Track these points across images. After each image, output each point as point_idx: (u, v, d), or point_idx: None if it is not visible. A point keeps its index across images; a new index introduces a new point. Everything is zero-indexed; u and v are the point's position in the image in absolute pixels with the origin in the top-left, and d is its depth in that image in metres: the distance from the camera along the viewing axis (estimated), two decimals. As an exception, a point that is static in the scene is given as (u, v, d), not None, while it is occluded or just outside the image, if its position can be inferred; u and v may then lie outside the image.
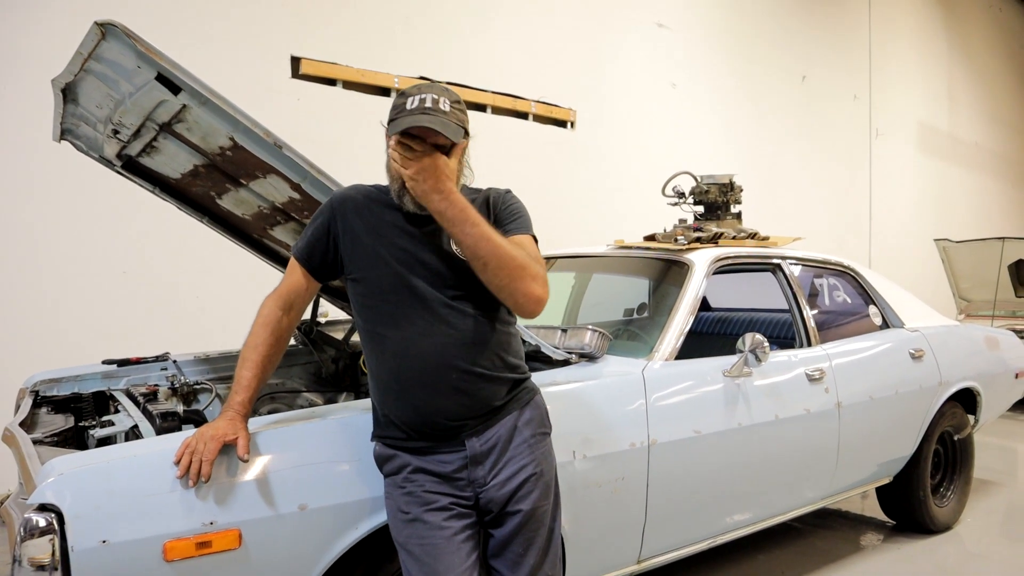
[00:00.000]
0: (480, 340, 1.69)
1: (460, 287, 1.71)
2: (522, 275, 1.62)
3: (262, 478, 1.66)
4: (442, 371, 1.66)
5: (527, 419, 1.76)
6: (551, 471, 1.79)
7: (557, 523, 1.79)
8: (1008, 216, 14.28)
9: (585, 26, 6.56)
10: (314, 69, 4.89)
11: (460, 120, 1.72)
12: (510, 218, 1.82)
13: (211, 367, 3.12)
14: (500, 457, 1.70)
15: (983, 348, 4.11)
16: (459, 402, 1.67)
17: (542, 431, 1.80)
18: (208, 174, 2.46)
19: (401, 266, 1.72)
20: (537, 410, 1.81)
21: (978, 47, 13.45)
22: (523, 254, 1.66)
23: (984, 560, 3.60)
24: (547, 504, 1.75)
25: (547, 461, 1.78)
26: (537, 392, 1.84)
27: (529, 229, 1.83)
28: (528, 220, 1.85)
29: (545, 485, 1.75)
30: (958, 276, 8.36)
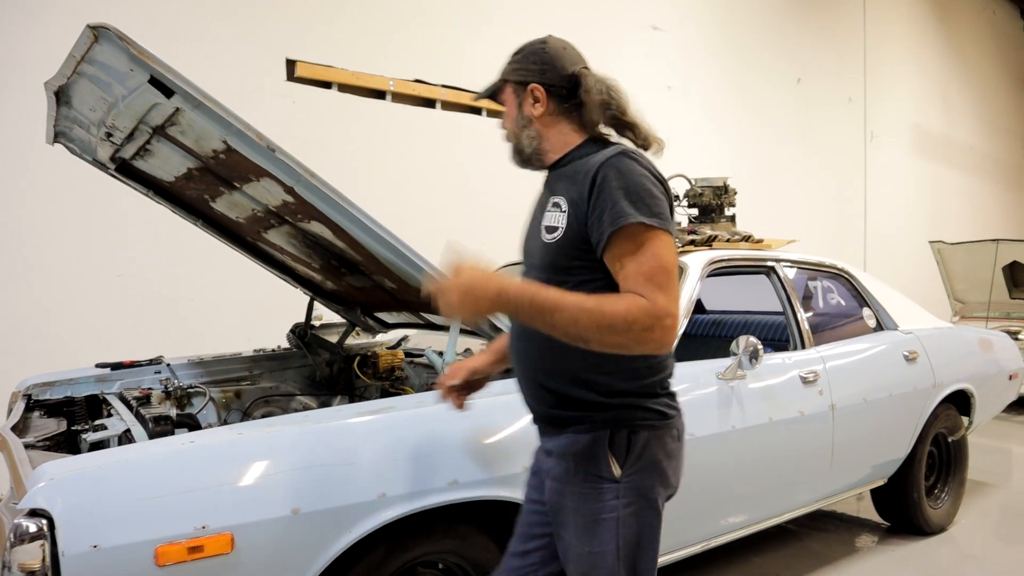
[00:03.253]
0: (552, 347, 1.49)
1: (562, 274, 1.54)
2: (614, 333, 1.37)
3: (255, 482, 1.65)
4: (524, 362, 1.62)
5: (580, 448, 1.54)
6: (588, 516, 1.52)
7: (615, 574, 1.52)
8: (1002, 218, 14.32)
9: (580, 29, 6.56)
10: (309, 72, 4.89)
11: (505, 71, 1.65)
12: (597, 221, 1.47)
13: (205, 370, 3.12)
14: (550, 471, 1.60)
15: (977, 350, 4.12)
16: (531, 396, 1.63)
17: (591, 471, 1.53)
18: (202, 177, 2.45)
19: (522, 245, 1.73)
20: (597, 446, 1.53)
21: (972, 50, 13.50)
22: (608, 312, 1.36)
23: (978, 562, 3.60)
24: (576, 544, 1.53)
25: (583, 502, 1.53)
26: (624, 428, 1.53)
27: (621, 221, 1.43)
28: (618, 208, 1.43)
29: (575, 526, 1.54)
30: (953, 278, 8.38)
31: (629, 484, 1.52)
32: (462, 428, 1.97)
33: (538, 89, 1.61)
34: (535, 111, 1.62)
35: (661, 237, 1.43)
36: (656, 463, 1.56)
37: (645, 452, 1.54)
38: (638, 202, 1.43)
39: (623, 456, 1.53)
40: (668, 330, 1.38)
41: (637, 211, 1.42)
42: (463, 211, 5.67)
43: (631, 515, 1.52)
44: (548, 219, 1.57)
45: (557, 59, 1.61)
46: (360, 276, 2.79)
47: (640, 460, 1.53)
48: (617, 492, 1.52)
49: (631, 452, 1.53)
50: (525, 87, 1.62)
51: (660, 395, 1.60)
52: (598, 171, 1.47)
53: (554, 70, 1.61)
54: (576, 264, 1.52)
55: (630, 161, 1.48)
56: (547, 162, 1.66)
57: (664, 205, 1.48)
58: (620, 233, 1.43)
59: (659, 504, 1.57)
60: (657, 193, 1.46)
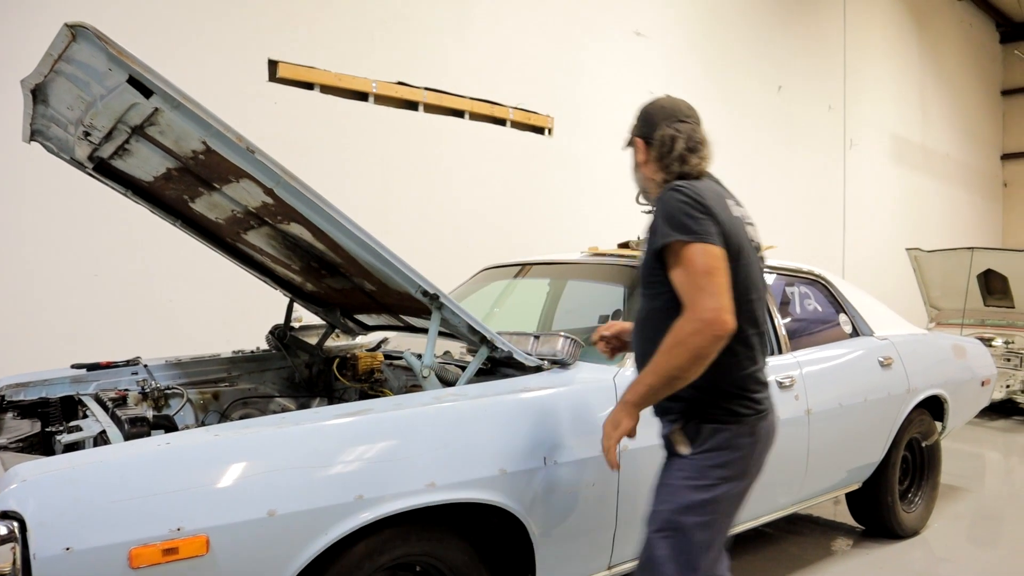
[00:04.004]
0: (643, 351, 1.92)
1: (647, 287, 1.94)
2: (682, 354, 1.74)
3: (231, 483, 1.65)
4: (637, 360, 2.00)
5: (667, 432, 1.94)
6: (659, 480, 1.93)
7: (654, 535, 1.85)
8: (978, 226, 14.53)
9: (563, 34, 6.60)
10: (291, 73, 4.87)
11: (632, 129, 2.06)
12: (653, 243, 1.87)
13: (183, 372, 3.10)
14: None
15: (951, 356, 4.18)
16: None
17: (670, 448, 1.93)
18: (181, 178, 2.44)
19: None
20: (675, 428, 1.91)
21: (949, 61, 13.70)
22: (666, 350, 1.76)
23: (951, 564, 3.66)
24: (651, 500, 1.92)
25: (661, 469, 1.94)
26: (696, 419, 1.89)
27: (664, 241, 1.82)
28: (662, 232, 1.82)
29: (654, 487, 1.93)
30: (929, 285, 8.49)
31: (695, 464, 1.86)
32: (440, 430, 1.98)
33: (639, 141, 2.02)
34: (640, 158, 2.02)
35: (695, 247, 1.77)
36: (719, 451, 1.86)
37: (710, 441, 1.87)
38: (675, 223, 1.79)
39: (693, 440, 1.88)
40: (709, 324, 1.71)
41: (674, 231, 1.79)
42: (446, 213, 5.68)
43: (688, 488, 1.85)
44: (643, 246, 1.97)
45: (654, 115, 2.00)
46: (340, 278, 2.78)
47: (705, 446, 1.87)
48: (683, 467, 1.88)
49: (699, 439, 1.87)
50: (633, 140, 2.04)
51: (737, 396, 1.90)
52: (656, 206, 1.87)
53: (648, 126, 1.99)
54: (652, 279, 1.91)
55: (673, 193, 1.84)
56: (652, 199, 2.00)
57: (702, 222, 1.79)
58: (665, 251, 1.82)
59: (718, 487, 1.86)
60: (695, 213, 1.80)
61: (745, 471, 1.91)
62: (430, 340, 2.24)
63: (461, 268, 4.31)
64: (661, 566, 1.82)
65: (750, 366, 1.93)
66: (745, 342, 1.90)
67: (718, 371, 1.82)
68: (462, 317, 2.23)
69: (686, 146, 1.93)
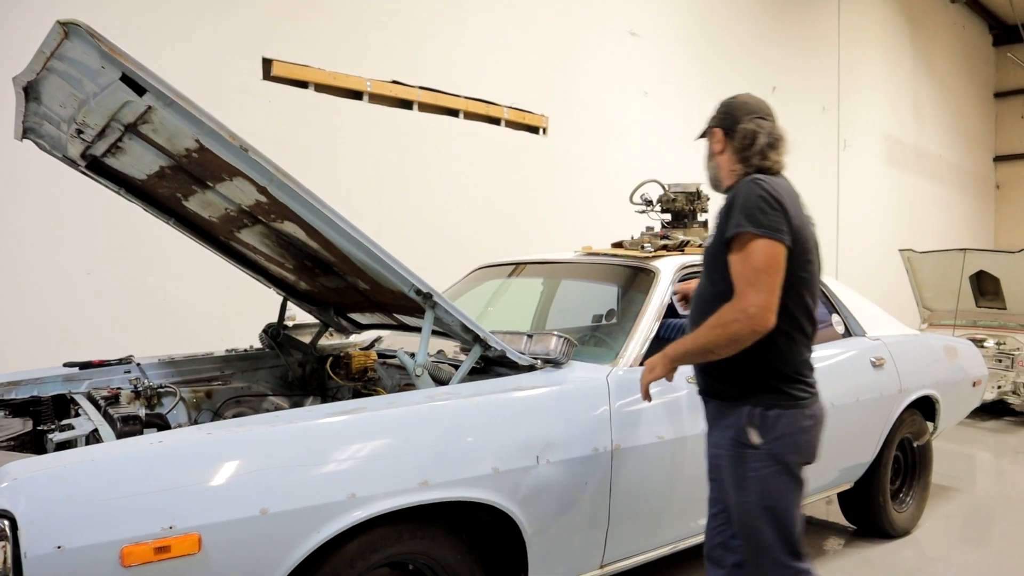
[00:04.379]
0: (702, 316, 2.00)
1: (712, 271, 2.05)
2: (721, 336, 1.89)
3: (223, 482, 1.65)
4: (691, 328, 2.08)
5: (728, 421, 2.03)
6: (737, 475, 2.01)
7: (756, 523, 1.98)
8: (970, 228, 14.59)
9: (558, 33, 6.60)
10: (285, 71, 4.86)
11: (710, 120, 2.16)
12: (724, 229, 1.97)
13: (176, 370, 3.09)
14: (709, 436, 2.13)
15: (942, 357, 4.19)
16: (698, 374, 2.16)
17: (737, 439, 2.01)
18: (174, 176, 2.44)
19: None
20: (740, 419, 2.00)
21: (942, 63, 13.75)
22: (709, 326, 1.91)
23: (942, 564, 3.67)
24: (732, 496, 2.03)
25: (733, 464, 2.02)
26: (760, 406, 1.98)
27: (734, 230, 1.91)
28: (734, 220, 1.92)
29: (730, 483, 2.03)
30: (922, 286, 8.51)
31: (768, 451, 1.96)
32: (432, 429, 1.98)
33: (718, 132, 2.11)
34: (716, 148, 2.13)
35: (763, 242, 1.87)
36: (789, 436, 1.97)
37: (779, 426, 1.96)
38: (749, 215, 1.88)
39: (760, 428, 1.96)
40: (750, 317, 1.84)
41: (746, 221, 1.88)
42: (440, 213, 5.68)
43: (770, 476, 1.96)
44: (711, 231, 2.08)
45: (737, 109, 2.10)
46: (333, 277, 2.78)
47: (776, 433, 1.96)
48: (759, 457, 1.96)
49: (765, 425, 1.96)
50: (712, 131, 2.13)
51: (793, 381, 2.00)
52: (732, 195, 1.97)
53: (729, 118, 2.09)
54: (719, 264, 1.99)
55: (752, 185, 1.93)
56: (723, 188, 2.13)
57: (772, 218, 1.89)
58: (734, 240, 1.91)
59: (793, 469, 1.99)
60: (769, 209, 1.89)
61: (812, 450, 2.04)
62: (423, 339, 2.25)
63: (455, 267, 4.31)
64: (770, 549, 1.97)
65: (806, 353, 2.06)
66: (803, 330, 2.03)
67: (779, 358, 1.98)
68: (455, 316, 2.24)
69: (767, 142, 2.04)
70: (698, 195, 3.33)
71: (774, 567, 1.99)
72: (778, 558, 1.98)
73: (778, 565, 1.98)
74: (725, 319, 1.87)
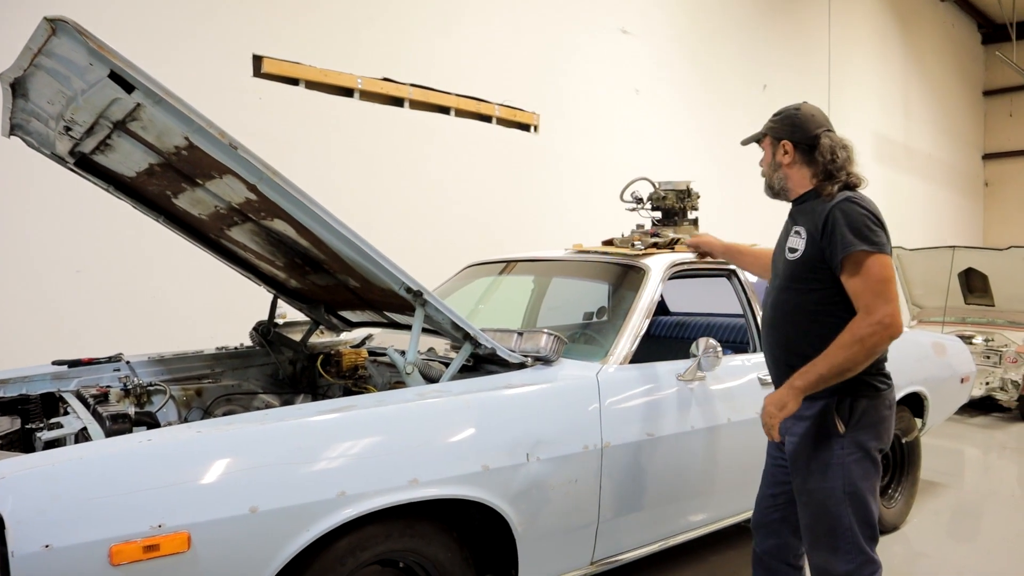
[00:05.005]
0: (793, 337, 2.18)
1: (799, 282, 2.16)
2: (860, 351, 1.98)
3: (213, 480, 1.65)
4: (776, 347, 2.25)
5: (816, 411, 2.13)
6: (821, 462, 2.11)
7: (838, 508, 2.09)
8: (959, 225, 14.68)
9: (550, 30, 6.61)
10: (276, 68, 4.85)
11: (764, 128, 2.31)
12: (831, 249, 2.08)
13: (166, 368, 3.08)
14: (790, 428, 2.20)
15: (930, 354, 4.22)
16: (780, 370, 2.22)
17: (823, 428, 2.12)
18: (164, 173, 2.43)
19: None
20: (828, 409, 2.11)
21: (932, 62, 13.82)
22: (844, 345, 1.99)
23: (930, 559, 3.70)
24: (812, 483, 2.13)
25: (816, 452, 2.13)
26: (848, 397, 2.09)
27: (848, 251, 2.04)
28: (846, 241, 2.04)
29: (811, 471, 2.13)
30: (911, 283, 8.56)
31: (851, 439, 2.09)
32: (422, 427, 1.98)
33: (787, 144, 2.22)
34: (784, 160, 2.24)
35: (879, 258, 2.02)
36: (872, 424, 2.11)
37: (864, 415, 2.10)
38: (859, 234, 2.03)
39: (847, 418, 2.10)
40: (886, 327, 1.98)
41: (860, 241, 2.02)
42: (431, 210, 5.67)
43: (853, 462, 2.09)
44: (791, 243, 2.19)
45: (806, 123, 2.20)
46: (324, 275, 2.78)
47: (860, 421, 2.10)
48: (843, 444, 2.09)
49: (853, 415, 2.10)
50: (779, 141, 2.24)
51: (875, 373, 2.14)
52: (830, 212, 2.08)
53: (801, 131, 2.19)
54: (809, 276, 2.13)
55: (852, 205, 2.08)
56: (791, 197, 2.27)
57: (880, 234, 2.06)
58: (849, 259, 2.03)
59: (874, 455, 2.13)
60: (874, 227, 2.05)
61: (889, 436, 2.18)
62: (413, 337, 2.25)
63: (447, 265, 4.31)
64: (850, 531, 2.10)
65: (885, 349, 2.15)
66: None
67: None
68: (446, 314, 2.24)
69: (846, 156, 2.17)
70: (688, 193, 3.34)
71: (855, 552, 2.10)
72: (859, 543, 2.10)
73: (858, 550, 2.10)
74: (861, 334, 1.98)
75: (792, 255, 2.18)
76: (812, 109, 2.25)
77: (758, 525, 2.44)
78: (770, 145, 2.28)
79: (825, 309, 2.11)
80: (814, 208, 2.16)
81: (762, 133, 2.32)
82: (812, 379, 2.04)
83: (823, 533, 2.13)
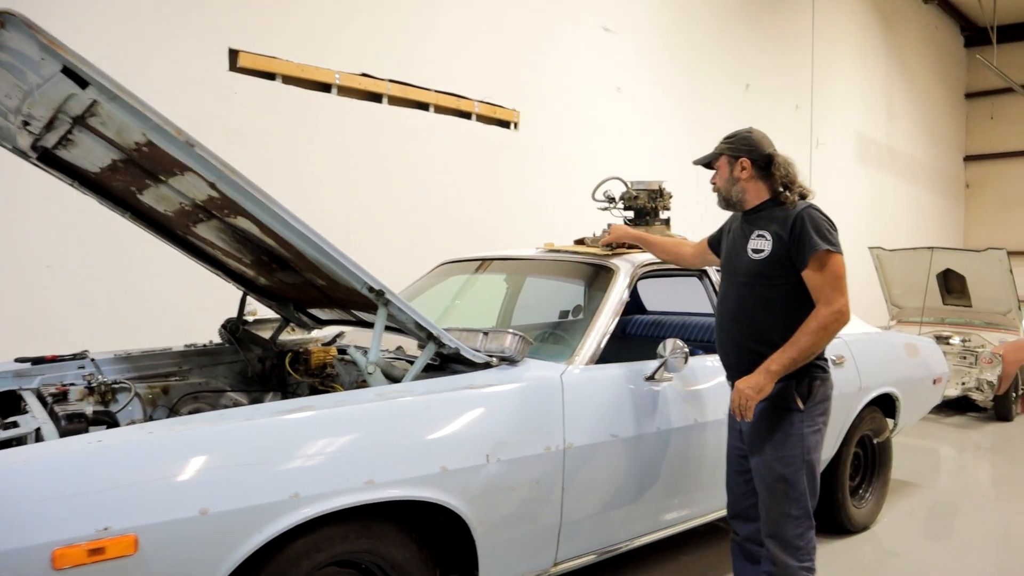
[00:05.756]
0: (757, 325, 2.45)
1: (764, 278, 2.44)
2: (824, 336, 2.33)
3: (162, 482, 1.63)
4: (737, 334, 2.51)
5: (777, 391, 2.40)
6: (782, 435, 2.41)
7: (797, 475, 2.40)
8: (940, 226, 14.79)
9: (531, 28, 6.59)
10: (252, 62, 4.81)
11: (718, 149, 2.59)
12: (798, 248, 2.38)
13: (132, 365, 3.05)
14: None
15: (903, 355, 4.24)
16: (741, 357, 2.49)
17: (783, 406, 2.42)
18: (127, 169, 2.40)
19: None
20: (789, 389, 2.40)
21: (916, 65, 13.90)
22: (811, 331, 2.32)
23: (900, 558, 3.72)
24: (772, 455, 2.42)
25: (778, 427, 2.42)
26: (806, 378, 2.42)
27: (814, 250, 2.34)
28: (812, 241, 2.35)
29: (772, 443, 2.42)
30: (890, 283, 8.62)
31: (808, 414, 2.42)
32: (380, 428, 1.97)
33: (745, 161, 2.50)
34: (742, 175, 2.52)
35: (838, 257, 2.36)
36: (822, 401, 2.47)
37: (817, 393, 2.44)
38: (823, 237, 2.35)
39: (805, 396, 2.42)
40: (843, 315, 2.33)
41: (824, 242, 2.34)
42: (410, 207, 5.65)
43: (810, 434, 2.42)
44: (754, 244, 2.47)
45: (760, 143, 2.52)
46: (291, 272, 2.75)
47: (814, 398, 2.43)
48: (801, 419, 2.41)
49: (810, 393, 2.43)
50: (736, 159, 2.52)
51: (821, 357, 2.48)
52: (797, 217, 2.39)
53: (757, 150, 2.50)
54: (775, 273, 2.42)
55: (815, 211, 2.42)
56: (746, 207, 2.55)
57: (838, 237, 2.40)
58: (815, 257, 2.34)
59: (823, 429, 2.48)
60: (833, 231, 2.40)
61: (830, 414, 2.53)
62: (375, 336, 2.23)
63: (426, 262, 4.28)
64: (803, 496, 2.41)
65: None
66: None
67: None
68: (409, 314, 2.22)
69: (795, 170, 2.51)
70: (660, 193, 3.34)
71: (804, 516, 2.42)
72: (807, 508, 2.43)
73: (806, 515, 2.43)
74: (825, 322, 2.31)
75: (757, 255, 2.46)
76: (760, 133, 2.56)
77: (735, 515, 2.68)
78: (727, 163, 2.54)
79: (789, 301, 2.41)
80: (776, 215, 2.46)
81: (717, 153, 2.57)
82: (786, 363, 2.32)
83: (780, 500, 2.41)
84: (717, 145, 2.60)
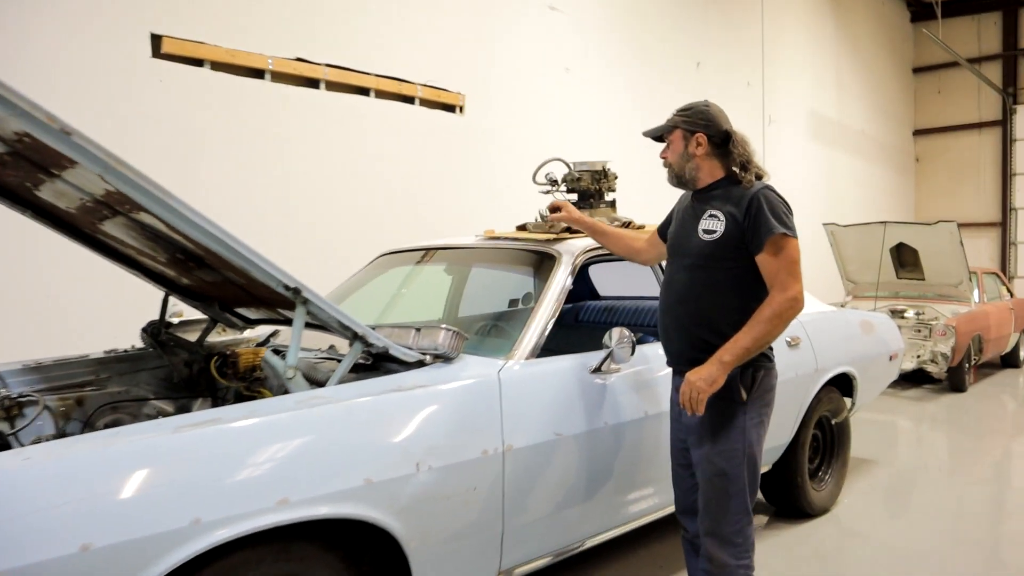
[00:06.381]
0: (704, 310, 2.30)
1: (715, 260, 2.29)
2: (779, 324, 2.17)
3: (36, 517, 1.43)
4: (681, 319, 2.35)
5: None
6: (724, 427, 2.26)
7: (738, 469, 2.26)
8: (892, 200, 14.96)
9: (475, 7, 6.38)
10: (177, 48, 4.54)
11: (672, 121, 2.38)
12: (754, 231, 2.22)
13: (42, 376, 2.81)
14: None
15: (858, 332, 4.18)
16: (684, 343, 2.34)
17: (727, 397, 2.25)
18: (16, 163, 2.17)
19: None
20: (732, 379, 2.22)
21: (864, 40, 13.98)
22: (765, 319, 2.15)
23: (861, 538, 3.67)
24: (713, 446, 2.27)
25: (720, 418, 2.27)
26: (751, 368, 2.26)
27: (771, 233, 2.19)
28: (769, 224, 2.20)
29: (713, 435, 2.27)
30: (845, 259, 8.64)
31: (751, 406, 2.28)
32: (294, 440, 1.79)
33: (701, 137, 2.32)
34: (698, 152, 2.33)
35: (794, 242, 2.22)
36: (767, 391, 2.34)
37: (761, 384, 2.31)
38: (780, 220, 2.21)
39: (749, 386, 2.27)
40: (798, 302, 2.18)
41: (779, 225, 2.20)
42: (353, 196, 5.43)
43: (753, 427, 2.29)
44: (706, 224, 2.30)
45: (717, 118, 2.34)
46: (210, 271, 2.55)
47: (758, 389, 2.30)
48: (745, 411, 2.27)
49: (754, 384, 2.28)
50: (692, 134, 2.33)
51: (769, 348, 2.34)
52: (754, 197, 2.24)
53: (714, 126, 2.32)
54: (726, 255, 2.26)
55: (772, 193, 2.28)
56: (698, 186, 2.38)
57: (792, 220, 2.27)
58: (771, 240, 2.19)
59: (766, 420, 2.36)
60: (789, 214, 2.27)
61: (773, 403, 2.39)
62: (294, 337, 2.05)
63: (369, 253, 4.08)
64: (743, 491, 2.27)
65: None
66: None
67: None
68: (330, 312, 2.04)
69: (751, 149, 2.35)
70: (604, 174, 3.19)
71: (742, 512, 2.28)
72: (747, 503, 2.29)
73: (744, 511, 2.28)
74: (779, 309, 2.15)
75: (709, 236, 2.28)
76: (717, 107, 2.38)
77: (684, 511, 2.53)
78: (682, 138, 2.35)
79: (739, 284, 2.26)
80: (731, 194, 2.29)
81: (671, 126, 2.38)
82: (739, 352, 2.16)
83: (719, 495, 2.28)
84: (671, 117, 2.39)
